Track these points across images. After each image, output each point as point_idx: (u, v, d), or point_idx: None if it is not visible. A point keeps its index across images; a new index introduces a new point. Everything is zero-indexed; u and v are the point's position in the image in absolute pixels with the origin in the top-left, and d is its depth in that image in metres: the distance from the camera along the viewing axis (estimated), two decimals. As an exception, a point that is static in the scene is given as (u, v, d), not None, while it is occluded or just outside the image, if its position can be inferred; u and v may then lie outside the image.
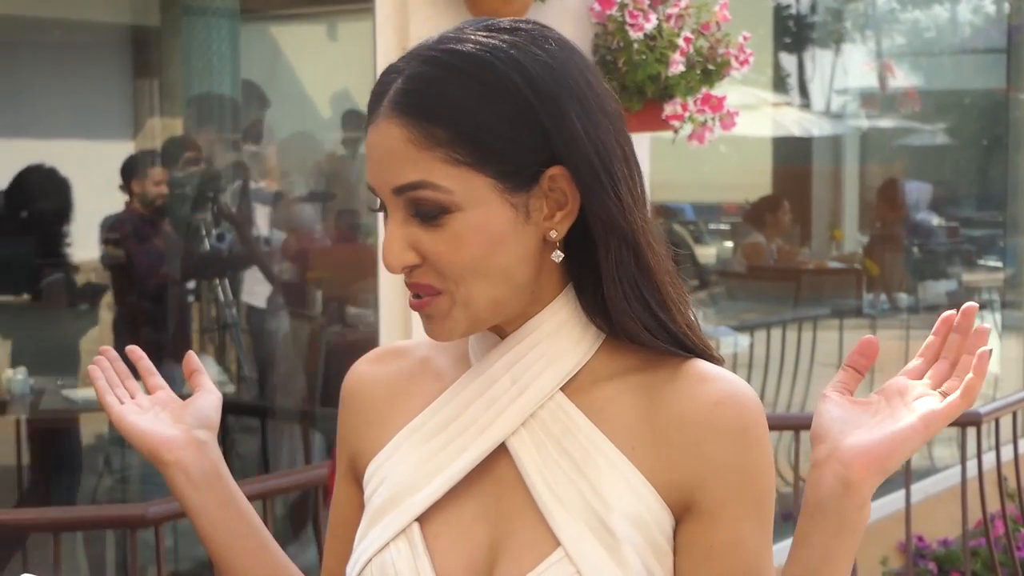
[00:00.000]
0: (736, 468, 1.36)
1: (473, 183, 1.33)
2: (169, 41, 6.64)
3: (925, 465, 6.69)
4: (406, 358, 1.55)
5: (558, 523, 1.36)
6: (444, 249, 1.34)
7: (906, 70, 10.00)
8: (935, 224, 9.60)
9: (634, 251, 1.39)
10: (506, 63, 1.34)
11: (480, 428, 1.42)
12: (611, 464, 1.38)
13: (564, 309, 1.42)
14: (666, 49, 3.82)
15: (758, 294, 8.11)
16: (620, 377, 1.42)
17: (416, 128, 1.32)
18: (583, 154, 1.36)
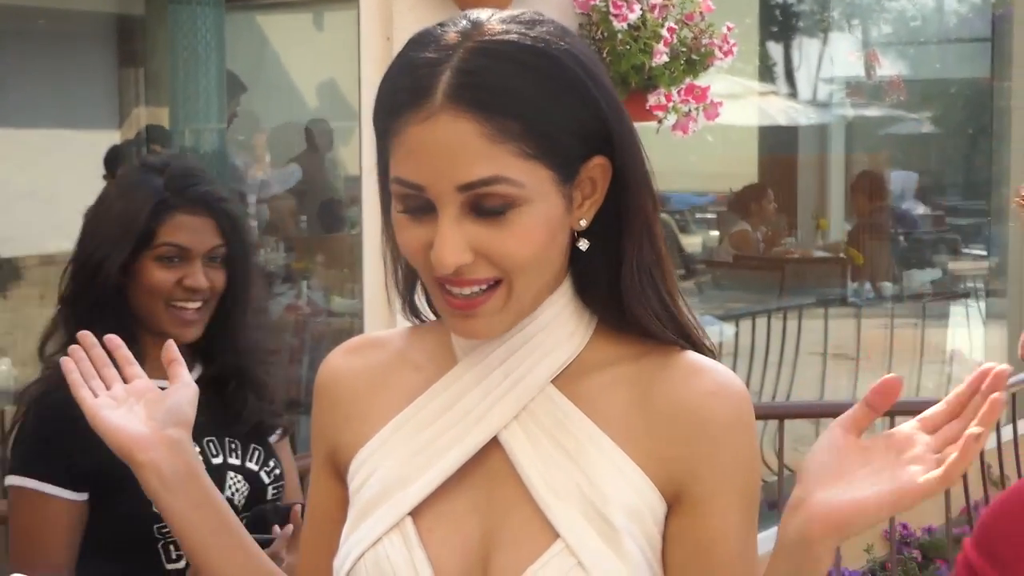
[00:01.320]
0: (726, 460, 1.37)
1: (539, 175, 1.31)
2: (154, 30, 6.62)
3: (910, 453, 6.69)
4: (382, 350, 1.53)
5: (556, 515, 1.36)
6: (510, 244, 1.31)
7: (892, 59, 10.01)
8: (920, 213, 9.62)
9: (652, 242, 1.40)
10: (566, 56, 1.33)
11: (474, 420, 1.41)
12: (605, 455, 1.38)
13: (561, 300, 1.42)
14: (650, 39, 3.81)
15: (743, 283, 8.12)
16: (610, 367, 1.42)
17: (489, 122, 1.28)
18: (634, 147, 1.37)
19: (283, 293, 6.46)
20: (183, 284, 2.30)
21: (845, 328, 7.73)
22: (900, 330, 7.99)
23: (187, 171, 2.39)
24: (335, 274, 6.66)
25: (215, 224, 2.34)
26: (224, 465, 2.32)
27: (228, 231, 2.35)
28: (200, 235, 2.32)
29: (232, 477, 2.32)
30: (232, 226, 2.37)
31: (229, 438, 2.35)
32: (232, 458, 2.34)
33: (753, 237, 8.20)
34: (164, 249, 2.30)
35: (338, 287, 6.48)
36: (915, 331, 8.01)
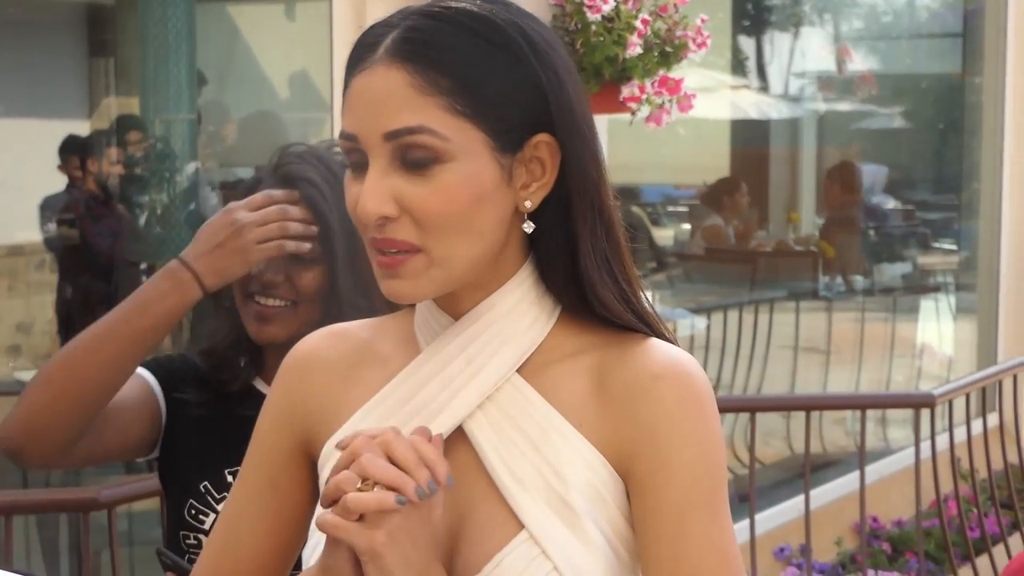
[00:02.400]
0: (667, 438, 1.35)
1: (469, 135, 1.32)
2: (124, 20, 6.59)
3: (880, 447, 6.74)
4: (349, 341, 1.52)
5: (520, 505, 1.35)
6: (433, 201, 1.32)
7: (863, 54, 10.04)
8: (891, 207, 9.65)
9: (607, 227, 1.39)
10: (510, 25, 1.35)
11: (436, 410, 1.40)
12: (566, 441, 1.37)
13: (520, 288, 1.41)
14: (624, 31, 3.81)
15: (715, 276, 8.14)
16: (575, 356, 1.42)
17: (420, 74, 1.31)
18: (576, 124, 1.36)
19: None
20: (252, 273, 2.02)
21: (816, 321, 7.77)
22: (870, 324, 8.02)
23: (290, 149, 2.10)
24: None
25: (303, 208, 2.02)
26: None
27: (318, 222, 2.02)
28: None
29: None
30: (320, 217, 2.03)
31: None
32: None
33: (725, 231, 8.22)
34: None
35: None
36: (885, 325, 8.05)
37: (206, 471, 2.07)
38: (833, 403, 5.32)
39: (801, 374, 7.36)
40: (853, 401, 5.10)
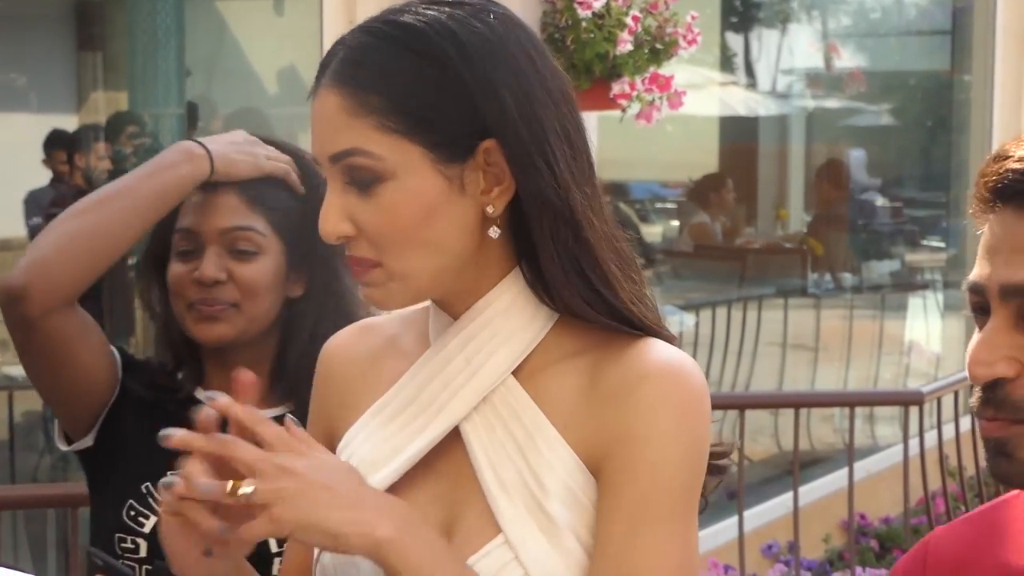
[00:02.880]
0: (642, 436, 1.34)
1: (405, 152, 1.33)
2: (113, 14, 6.57)
3: (868, 444, 6.74)
4: (377, 335, 1.54)
5: (500, 509, 1.35)
6: (377, 219, 1.34)
7: (851, 51, 10.05)
8: (879, 204, 9.66)
9: (573, 228, 1.37)
10: (440, 34, 1.34)
11: (436, 409, 1.41)
12: (549, 446, 1.37)
13: (514, 287, 1.41)
14: (614, 28, 3.81)
15: (704, 273, 8.14)
16: (571, 358, 1.41)
17: (350, 96, 1.33)
18: (512, 128, 1.35)
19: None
20: (194, 278, 1.95)
21: (804, 319, 7.77)
22: (859, 321, 8.03)
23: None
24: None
25: (242, 200, 1.96)
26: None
27: (267, 211, 1.96)
28: (215, 215, 1.96)
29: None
30: (275, 212, 1.96)
31: None
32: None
33: (712, 228, 8.22)
34: (176, 238, 1.98)
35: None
36: (874, 322, 8.06)
37: (148, 472, 1.95)
38: (822, 400, 5.33)
39: (789, 371, 7.37)
40: (842, 399, 5.11)
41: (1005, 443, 1.25)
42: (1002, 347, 1.23)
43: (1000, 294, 1.24)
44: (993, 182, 1.26)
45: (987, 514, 1.44)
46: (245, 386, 1.35)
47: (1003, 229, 1.25)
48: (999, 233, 1.26)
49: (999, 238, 1.26)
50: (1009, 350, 1.23)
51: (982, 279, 1.27)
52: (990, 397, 1.24)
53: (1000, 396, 1.24)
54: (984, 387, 1.25)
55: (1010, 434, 1.24)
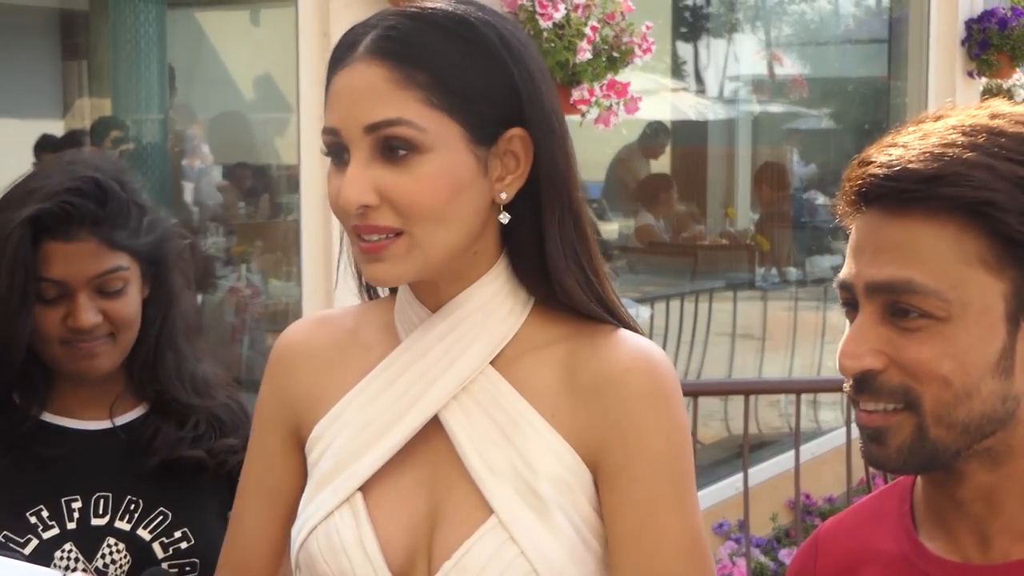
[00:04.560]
0: (636, 431, 1.35)
1: (446, 128, 1.32)
2: (98, 25, 6.53)
3: (812, 428, 6.78)
4: (335, 328, 1.52)
5: (490, 491, 1.35)
6: (413, 189, 1.31)
7: (794, 59, 10.09)
8: (820, 203, 9.70)
9: (575, 219, 1.39)
10: (484, 24, 1.35)
11: (413, 398, 1.40)
12: (536, 431, 1.37)
13: (498, 280, 1.41)
14: (574, 37, 3.82)
15: (658, 268, 8.15)
16: (547, 347, 1.42)
17: (396, 69, 1.31)
18: (547, 119, 1.37)
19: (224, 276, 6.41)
20: (67, 324, 1.82)
21: (752, 310, 7.80)
22: (803, 312, 8.06)
23: (61, 186, 1.82)
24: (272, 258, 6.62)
25: (102, 244, 1.83)
26: (104, 528, 1.86)
27: (124, 243, 1.85)
28: (80, 263, 1.81)
29: (111, 545, 1.86)
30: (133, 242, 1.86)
31: (133, 496, 1.88)
32: (121, 521, 1.87)
33: (656, 229, 8.22)
34: (42, 286, 1.81)
35: (275, 270, 6.44)
36: (817, 313, 8.09)
37: (3, 521, 1.83)
38: (770, 388, 5.35)
39: (738, 359, 7.39)
40: (788, 386, 5.12)
41: (883, 432, 1.26)
42: (869, 341, 1.25)
43: (865, 291, 1.26)
44: (857, 186, 1.27)
45: (869, 504, 1.46)
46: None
47: (867, 230, 1.27)
48: (864, 233, 1.27)
49: (864, 238, 1.27)
50: (876, 343, 1.25)
51: (849, 277, 1.28)
52: (864, 387, 1.26)
53: (876, 386, 1.25)
54: (856, 379, 1.26)
55: (888, 423, 1.26)
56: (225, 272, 6.47)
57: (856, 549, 1.41)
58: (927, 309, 1.22)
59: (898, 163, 1.25)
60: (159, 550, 1.87)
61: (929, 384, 1.23)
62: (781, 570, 5.51)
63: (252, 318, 6.08)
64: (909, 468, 1.29)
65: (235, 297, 6.18)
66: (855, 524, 1.44)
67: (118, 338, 1.86)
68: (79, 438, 1.91)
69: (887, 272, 1.24)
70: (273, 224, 6.91)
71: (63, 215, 1.79)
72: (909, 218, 1.23)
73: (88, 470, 1.89)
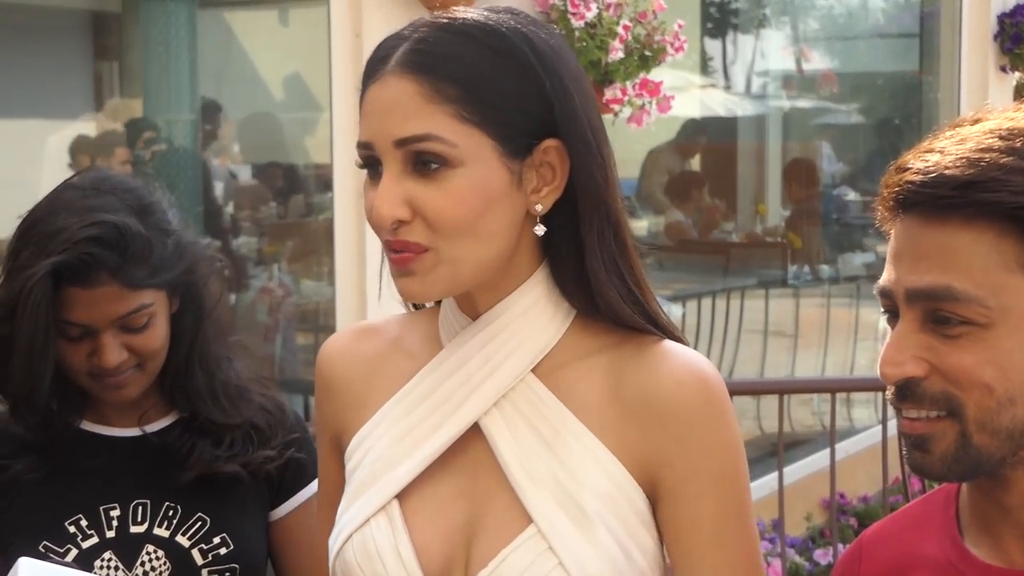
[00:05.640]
0: (696, 447, 1.35)
1: (477, 142, 1.31)
2: (129, 26, 6.55)
3: (845, 426, 6.75)
4: (378, 337, 1.52)
5: (530, 501, 1.34)
6: (442, 204, 1.30)
7: (822, 54, 10.05)
8: (851, 199, 9.66)
9: (614, 229, 1.38)
10: (516, 34, 1.34)
11: (453, 406, 1.39)
12: (580, 442, 1.36)
13: (537, 288, 1.40)
14: (606, 37, 3.81)
15: (690, 266, 8.13)
16: (589, 357, 1.40)
17: (426, 83, 1.30)
18: (581, 129, 1.35)
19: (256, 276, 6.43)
20: (93, 362, 1.82)
21: (784, 308, 7.77)
22: (835, 310, 8.03)
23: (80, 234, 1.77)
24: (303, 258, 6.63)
25: (123, 287, 1.79)
26: (143, 536, 1.87)
27: (146, 281, 1.82)
28: (103, 308, 1.79)
29: (150, 552, 1.86)
30: (157, 279, 1.83)
31: (171, 502, 1.89)
32: (160, 528, 1.88)
33: (686, 226, 8.20)
34: (64, 326, 1.80)
35: (306, 270, 6.45)
36: (849, 311, 8.06)
37: (42, 531, 1.85)
38: (804, 387, 5.33)
39: (771, 357, 7.36)
40: (823, 385, 5.10)
41: (927, 439, 1.25)
42: (911, 348, 1.24)
43: (906, 298, 1.25)
44: (895, 192, 1.27)
45: (914, 509, 1.45)
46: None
47: (906, 236, 1.26)
48: (903, 240, 1.27)
49: (903, 245, 1.26)
50: (917, 350, 1.24)
51: (889, 284, 1.27)
52: (906, 395, 1.25)
53: (918, 393, 1.25)
54: (898, 387, 1.26)
55: (932, 431, 1.25)
56: (256, 272, 6.49)
57: (901, 555, 1.40)
58: (968, 316, 1.22)
59: (934, 169, 1.24)
60: (198, 556, 1.87)
61: (971, 391, 1.22)
62: (816, 570, 5.48)
63: (284, 318, 6.09)
64: (953, 475, 1.28)
65: (267, 297, 6.20)
66: (900, 529, 1.44)
67: (146, 367, 1.86)
68: (116, 445, 1.93)
69: (927, 279, 1.23)
70: (304, 224, 6.92)
71: (81, 266, 1.77)
72: (947, 224, 1.22)
73: (126, 477, 1.89)
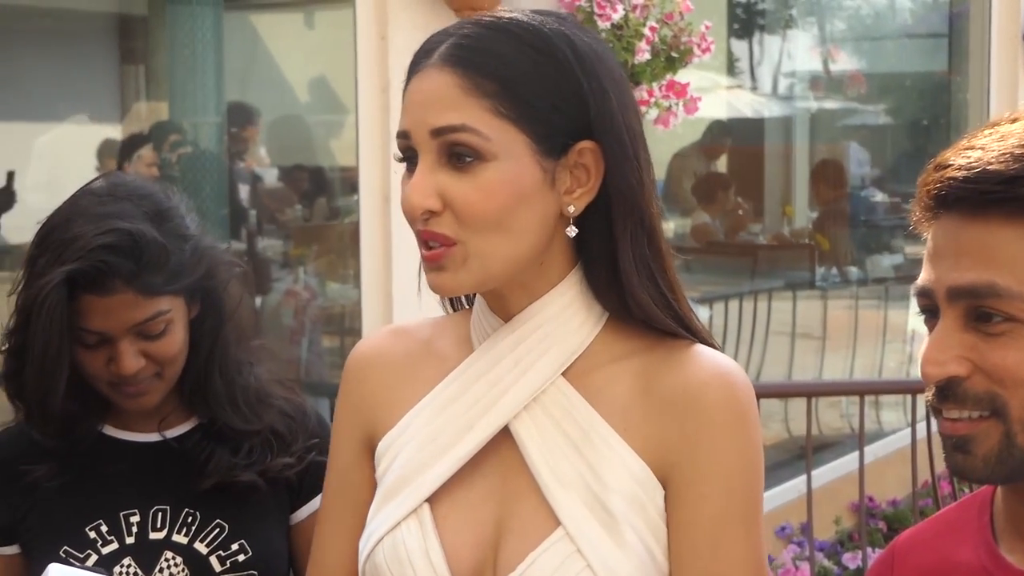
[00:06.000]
0: (711, 448, 1.35)
1: (511, 138, 1.33)
2: (155, 29, 6.58)
3: (874, 429, 6.72)
4: (410, 339, 1.53)
5: (558, 503, 1.35)
6: (473, 197, 1.32)
7: (850, 54, 10.01)
8: (879, 200, 9.62)
9: (648, 234, 1.39)
10: (558, 36, 1.36)
11: (484, 409, 1.40)
12: (608, 445, 1.36)
13: (570, 291, 1.40)
14: (632, 38, 3.81)
15: (716, 268, 8.12)
16: (620, 360, 1.41)
17: (466, 77, 1.32)
18: (617, 132, 1.36)
19: (281, 279, 6.45)
20: (111, 369, 1.83)
21: (812, 310, 7.75)
22: (864, 311, 8.00)
23: (95, 242, 1.77)
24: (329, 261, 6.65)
25: (138, 294, 1.80)
26: (162, 542, 1.87)
27: (162, 288, 1.82)
28: (120, 315, 1.80)
29: (169, 559, 1.86)
30: (174, 285, 1.83)
31: (190, 509, 1.89)
32: (179, 535, 1.88)
33: (713, 228, 8.18)
34: (81, 333, 1.81)
35: (331, 273, 6.47)
36: (878, 312, 8.03)
37: (63, 536, 1.86)
38: (833, 389, 5.30)
39: (798, 359, 7.34)
40: (852, 387, 5.08)
41: (969, 440, 1.24)
42: (953, 347, 1.24)
43: (947, 296, 1.24)
44: (935, 190, 1.26)
45: (948, 515, 1.44)
46: None
47: (946, 234, 1.25)
48: (943, 238, 1.26)
49: (943, 243, 1.26)
50: (959, 349, 1.23)
51: (929, 283, 1.27)
52: (948, 395, 1.24)
53: (960, 393, 1.24)
54: (939, 387, 1.25)
55: (974, 432, 1.24)
56: (282, 275, 6.50)
57: (934, 561, 1.39)
58: (1011, 312, 1.21)
59: (977, 165, 1.23)
60: (216, 563, 1.87)
61: (1016, 390, 1.21)
62: (845, 574, 5.47)
63: (310, 321, 6.10)
64: (996, 478, 1.27)
65: (292, 300, 6.21)
66: (933, 535, 1.43)
67: (164, 374, 1.87)
68: (136, 451, 1.93)
69: (969, 276, 1.22)
70: (330, 226, 6.93)
71: (96, 274, 1.77)
72: (990, 221, 1.22)
73: (146, 483, 1.90)
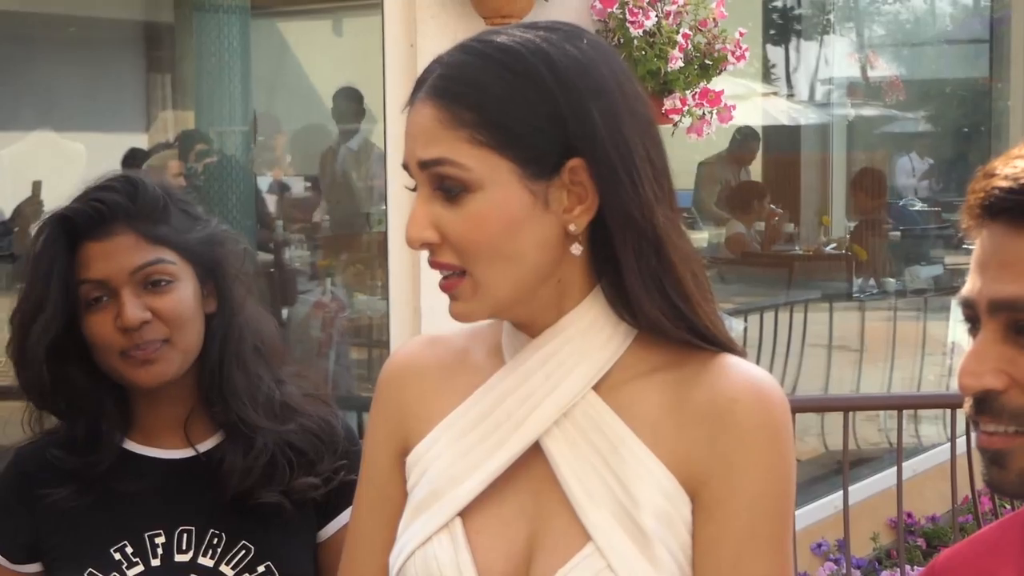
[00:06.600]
0: (741, 465, 1.34)
1: (494, 165, 1.33)
2: (182, 38, 6.61)
3: (912, 443, 6.68)
4: (445, 348, 1.53)
5: (589, 518, 1.35)
6: (463, 227, 1.34)
7: (888, 60, 9.97)
8: (918, 209, 9.58)
9: (655, 246, 1.37)
10: (535, 54, 1.35)
11: (515, 424, 1.40)
12: (639, 461, 1.36)
13: (596, 306, 1.40)
14: (665, 45, 3.79)
15: (751, 279, 8.09)
16: (651, 375, 1.40)
17: (444, 109, 1.34)
18: (601, 147, 1.35)
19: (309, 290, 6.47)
20: (118, 326, 1.78)
21: (849, 322, 7.71)
22: (902, 323, 7.95)
23: (91, 189, 1.81)
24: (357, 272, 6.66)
25: (140, 237, 1.79)
26: (188, 565, 1.83)
27: (167, 239, 1.81)
28: (119, 258, 1.78)
29: None
30: (176, 238, 1.82)
31: (216, 529, 1.85)
32: (204, 557, 1.84)
33: (748, 238, 8.15)
34: (84, 290, 1.79)
35: (359, 284, 6.48)
36: (917, 324, 7.98)
37: (88, 557, 1.84)
38: (871, 404, 5.27)
39: (835, 372, 7.31)
40: (890, 402, 5.05)
41: (1004, 455, 1.23)
42: (991, 360, 1.22)
43: (989, 308, 1.23)
44: (982, 199, 1.24)
45: (989, 535, 1.43)
46: None
47: (992, 244, 1.24)
48: (988, 248, 1.24)
49: (988, 253, 1.24)
50: (997, 363, 1.21)
51: (972, 293, 1.25)
52: (984, 408, 1.23)
53: (996, 407, 1.22)
54: (976, 399, 1.23)
55: (1010, 446, 1.22)
56: (310, 286, 6.52)
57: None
58: None
59: (1023, 176, 1.21)
60: None
61: None
62: (883, 592, 5.43)
63: (338, 332, 6.11)
64: None
65: (320, 312, 6.23)
66: (974, 555, 1.41)
67: (174, 340, 1.81)
68: (161, 468, 1.90)
69: (1011, 289, 1.21)
70: (357, 237, 6.95)
71: (95, 213, 1.77)
72: None
73: (171, 502, 1.87)
